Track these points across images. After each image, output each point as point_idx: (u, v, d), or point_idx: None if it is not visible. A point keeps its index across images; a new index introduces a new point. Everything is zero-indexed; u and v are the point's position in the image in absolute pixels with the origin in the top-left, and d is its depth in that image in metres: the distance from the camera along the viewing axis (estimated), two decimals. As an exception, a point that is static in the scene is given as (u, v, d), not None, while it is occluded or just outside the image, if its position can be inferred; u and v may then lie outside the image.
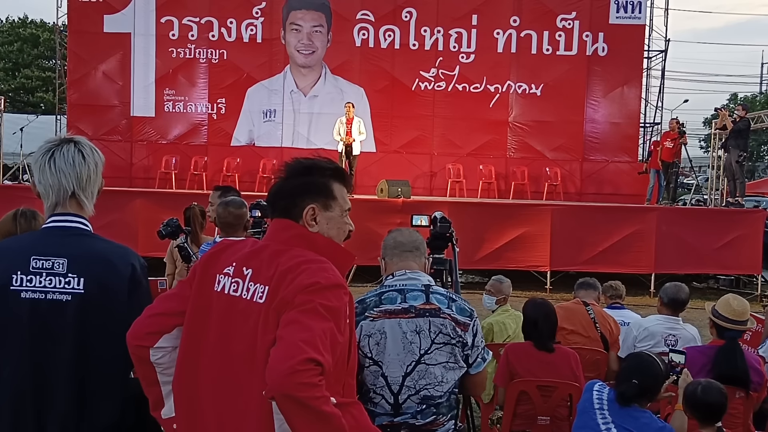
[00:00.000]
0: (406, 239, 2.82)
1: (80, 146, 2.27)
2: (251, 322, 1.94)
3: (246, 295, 1.98)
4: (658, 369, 3.29)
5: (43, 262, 2.15)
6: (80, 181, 2.24)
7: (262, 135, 16.02)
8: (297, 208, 2.09)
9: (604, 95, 16.16)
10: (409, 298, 2.66)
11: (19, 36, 37.57)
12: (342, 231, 2.16)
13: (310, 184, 2.11)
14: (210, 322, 2.03)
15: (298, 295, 1.86)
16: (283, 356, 1.75)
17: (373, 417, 2.62)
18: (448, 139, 15.99)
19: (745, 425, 3.98)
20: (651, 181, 14.81)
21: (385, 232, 2.92)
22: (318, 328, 1.82)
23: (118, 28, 15.61)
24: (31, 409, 2.13)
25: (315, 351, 1.76)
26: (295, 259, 1.96)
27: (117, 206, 11.68)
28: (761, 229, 12.76)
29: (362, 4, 15.89)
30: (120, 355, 2.17)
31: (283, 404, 1.75)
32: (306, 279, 1.89)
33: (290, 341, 1.78)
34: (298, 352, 1.74)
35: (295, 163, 2.16)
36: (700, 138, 44.39)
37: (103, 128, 15.74)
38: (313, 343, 1.78)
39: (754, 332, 5.21)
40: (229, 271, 2.04)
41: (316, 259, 1.99)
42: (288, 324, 1.83)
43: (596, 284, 5.45)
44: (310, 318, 1.83)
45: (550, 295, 10.85)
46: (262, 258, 2.01)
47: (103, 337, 2.17)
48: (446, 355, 2.63)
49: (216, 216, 4.48)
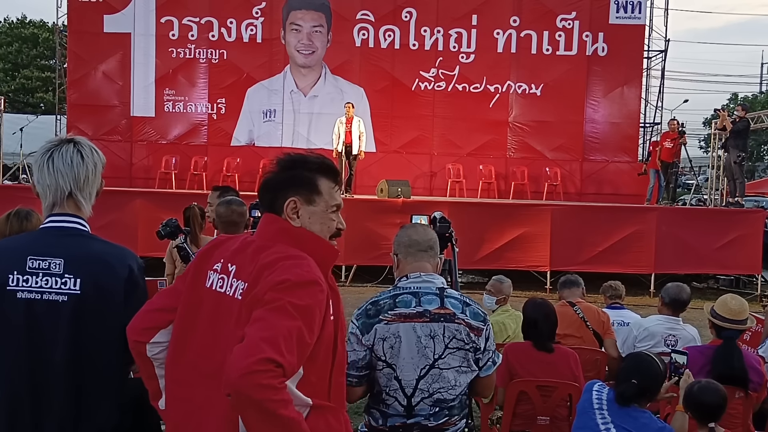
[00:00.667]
0: (422, 238, 2.77)
1: (80, 146, 2.26)
2: (233, 318, 1.92)
3: (229, 292, 1.97)
4: (657, 369, 3.29)
5: (39, 262, 2.14)
6: (78, 181, 2.23)
7: (262, 135, 16.02)
8: (279, 201, 2.06)
9: (604, 95, 16.16)
10: (424, 302, 2.63)
11: (18, 36, 37.54)
12: (326, 227, 2.10)
13: (294, 178, 2.08)
14: (199, 318, 2.02)
15: (269, 293, 1.83)
16: (241, 354, 1.71)
17: (386, 418, 2.63)
18: (448, 139, 15.99)
19: (744, 425, 3.98)
20: (651, 181, 14.81)
21: (385, 233, 2.92)
22: (283, 327, 1.77)
23: (118, 28, 15.61)
24: (28, 410, 2.12)
25: (275, 351, 1.72)
26: (273, 256, 1.93)
27: (117, 206, 11.68)
28: (761, 229, 12.77)
29: (362, 4, 15.89)
30: (117, 356, 2.16)
31: (238, 403, 1.72)
32: (277, 276, 1.86)
33: (251, 339, 1.74)
34: (256, 351, 1.70)
35: (285, 156, 2.14)
36: (700, 138, 44.38)
37: (103, 128, 15.75)
38: (275, 342, 1.73)
39: (754, 332, 5.20)
40: (218, 268, 2.03)
41: (294, 255, 1.95)
42: (253, 322, 1.80)
43: (578, 280, 5.45)
44: (277, 316, 1.79)
45: (550, 295, 10.84)
46: (246, 254, 2.00)
47: (100, 339, 2.15)
48: (459, 359, 2.63)
49: (216, 215, 4.47)
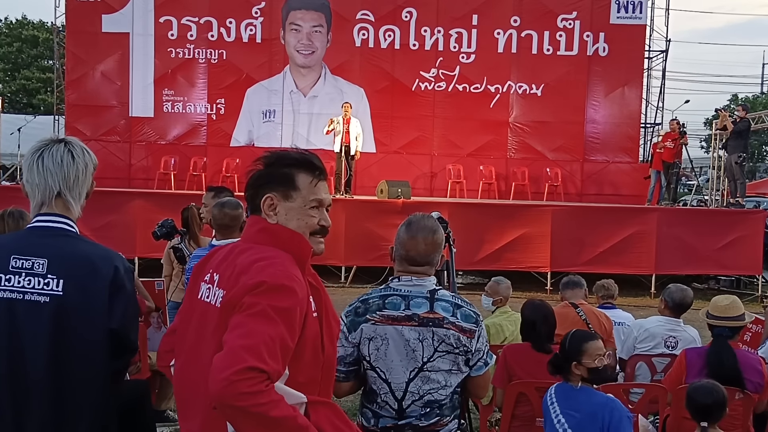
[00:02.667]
0: (420, 255, 2.64)
1: (71, 146, 2.24)
2: (215, 327, 1.89)
3: (213, 301, 1.95)
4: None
5: (23, 262, 2.11)
6: (67, 180, 2.21)
7: (261, 135, 15.99)
8: (258, 198, 2.03)
9: (605, 95, 16.13)
10: (413, 305, 2.60)
11: (18, 37, 37.55)
12: (304, 223, 2.03)
13: (271, 174, 2.04)
14: (189, 330, 2.03)
15: (246, 297, 1.79)
16: (222, 365, 1.68)
17: (378, 418, 2.64)
18: (448, 140, 15.97)
19: (744, 426, 3.96)
20: (652, 181, 14.79)
21: (385, 233, 2.86)
22: (264, 333, 1.73)
23: (116, 28, 15.58)
24: (9, 413, 2.09)
25: (257, 359, 1.69)
26: (249, 258, 1.91)
27: (115, 207, 11.67)
28: (762, 230, 12.75)
29: (362, 4, 15.87)
30: (101, 359, 2.13)
31: (225, 413, 1.71)
32: (251, 278, 1.82)
33: (231, 348, 1.71)
34: (237, 361, 1.67)
35: (266, 153, 2.10)
36: (701, 138, 44.36)
37: (102, 129, 15.72)
38: (256, 350, 1.70)
39: (754, 333, 5.18)
40: (207, 278, 2.02)
41: (267, 255, 1.91)
42: (232, 328, 1.76)
43: (581, 281, 5.39)
44: (257, 322, 1.75)
45: (550, 296, 10.82)
46: (229, 261, 1.98)
47: (83, 341, 2.12)
48: (449, 363, 2.61)
49: (212, 217, 4.43)
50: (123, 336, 2.22)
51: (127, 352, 2.30)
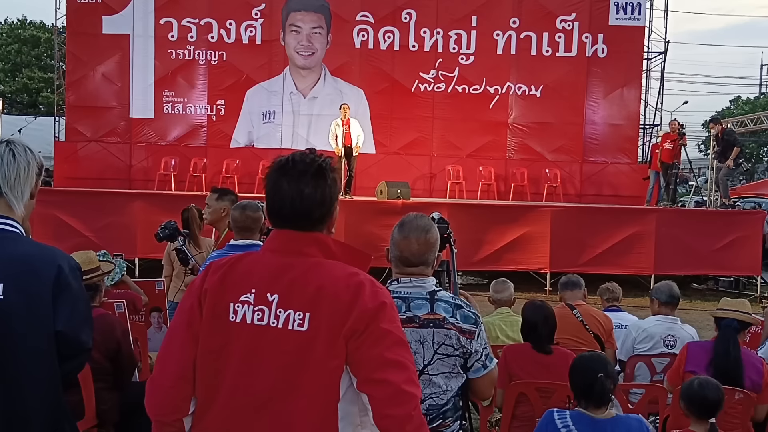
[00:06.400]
0: (414, 255, 2.62)
1: (12, 146, 2.18)
2: (289, 351, 1.80)
3: (275, 323, 1.82)
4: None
5: None
6: (8, 180, 2.14)
7: (261, 137, 15.99)
8: (333, 215, 1.97)
9: (604, 96, 16.14)
10: (413, 307, 2.60)
11: (18, 38, 37.53)
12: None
13: (335, 188, 1.96)
14: (230, 357, 1.84)
15: (371, 324, 1.79)
16: (395, 402, 1.77)
17: None
18: (447, 141, 15.97)
19: (744, 426, 3.97)
20: (651, 182, 14.80)
21: (384, 234, 2.84)
22: (410, 360, 1.84)
23: (116, 29, 15.58)
24: None
25: (416, 387, 1.81)
26: (332, 277, 1.84)
27: (116, 208, 11.69)
28: (761, 231, 12.77)
29: (362, 6, 15.87)
30: (48, 364, 2.06)
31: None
32: (371, 301, 1.80)
33: (396, 385, 1.77)
34: (408, 398, 1.78)
35: (308, 161, 1.93)
36: (700, 140, 44.38)
37: (102, 130, 15.68)
38: (412, 379, 1.81)
39: (753, 333, 5.20)
40: (249, 299, 1.85)
41: (355, 271, 1.87)
42: (386, 363, 1.78)
43: (580, 281, 5.38)
44: (402, 351, 1.82)
45: (550, 296, 10.84)
46: (288, 280, 1.85)
47: (25, 345, 2.04)
48: (449, 366, 2.61)
49: (231, 220, 4.38)
50: (71, 337, 2.11)
51: (80, 354, 2.19)
